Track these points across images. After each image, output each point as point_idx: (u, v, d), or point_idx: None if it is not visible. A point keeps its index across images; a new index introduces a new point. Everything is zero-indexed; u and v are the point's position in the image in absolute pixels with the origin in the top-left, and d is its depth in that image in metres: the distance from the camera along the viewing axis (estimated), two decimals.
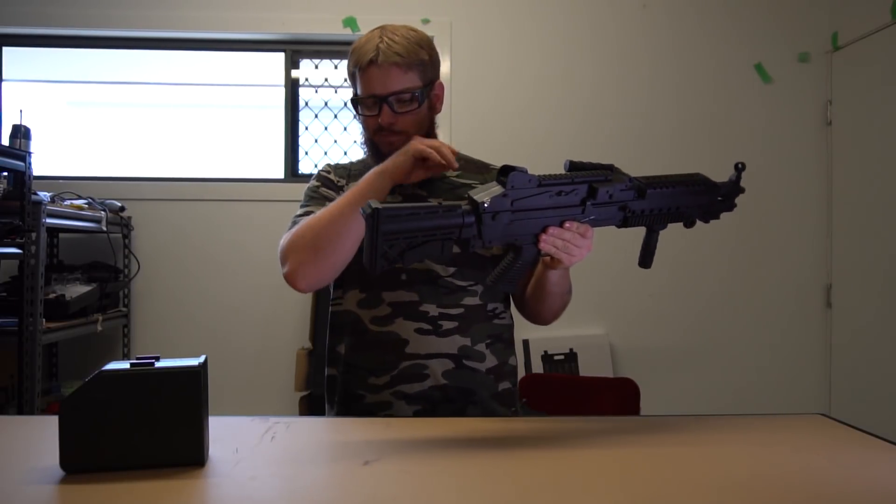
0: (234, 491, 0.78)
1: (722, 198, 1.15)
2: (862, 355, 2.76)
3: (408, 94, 1.26)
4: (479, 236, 1.00)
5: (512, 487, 0.80)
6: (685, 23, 2.96)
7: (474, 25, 2.90)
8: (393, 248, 0.95)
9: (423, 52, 1.27)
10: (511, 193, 1.01)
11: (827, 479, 0.83)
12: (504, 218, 1.01)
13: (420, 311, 1.26)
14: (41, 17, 2.80)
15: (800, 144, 2.97)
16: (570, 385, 2.59)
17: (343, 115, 3.05)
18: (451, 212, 0.99)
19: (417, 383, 1.24)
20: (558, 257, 1.07)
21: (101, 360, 2.64)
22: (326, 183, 1.38)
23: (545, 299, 1.27)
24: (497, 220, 1.01)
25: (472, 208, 1.00)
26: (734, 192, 1.16)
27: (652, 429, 1.07)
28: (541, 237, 1.04)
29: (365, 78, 1.26)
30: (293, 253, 1.20)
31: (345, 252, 1.20)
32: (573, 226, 1.04)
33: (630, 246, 2.48)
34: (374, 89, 1.25)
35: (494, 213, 1.00)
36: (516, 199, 1.01)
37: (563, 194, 1.04)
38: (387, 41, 1.24)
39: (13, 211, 2.00)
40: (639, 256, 1.15)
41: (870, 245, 2.73)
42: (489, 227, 1.00)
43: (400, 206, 0.96)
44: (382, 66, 1.23)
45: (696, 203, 1.12)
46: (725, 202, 1.16)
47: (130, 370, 0.83)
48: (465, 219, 0.99)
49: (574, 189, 1.04)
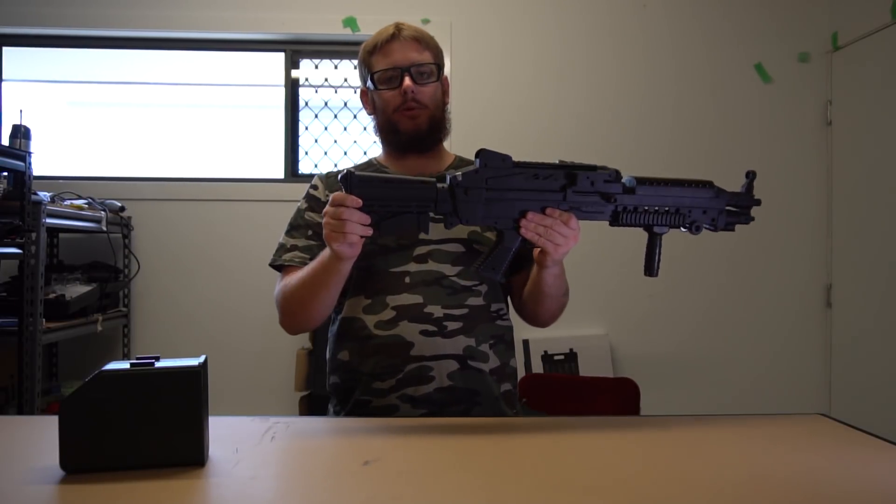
0: (234, 491, 0.78)
1: (736, 208, 1.13)
2: (862, 355, 2.76)
3: (427, 67, 1.32)
4: (456, 213, 1.03)
5: (512, 487, 0.80)
6: (685, 23, 2.96)
7: (474, 25, 2.90)
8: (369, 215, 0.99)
9: (434, 41, 1.37)
10: (484, 171, 1.03)
11: (827, 479, 0.83)
12: (479, 195, 1.03)
13: (424, 313, 1.26)
14: (41, 17, 2.80)
15: (800, 144, 2.97)
16: (570, 385, 2.59)
17: (343, 115, 3.05)
18: (424, 185, 1.01)
19: (423, 386, 1.24)
20: (542, 245, 1.09)
21: (101, 360, 2.64)
22: (311, 204, 1.39)
23: (542, 301, 1.27)
24: (472, 197, 1.03)
25: (446, 183, 1.02)
26: (748, 202, 1.13)
27: (652, 429, 1.07)
28: (521, 221, 1.05)
29: (385, 52, 1.32)
30: (282, 315, 1.31)
31: (323, 309, 1.25)
32: (554, 213, 1.06)
33: (630, 246, 2.48)
34: (397, 61, 1.31)
35: (467, 189, 1.03)
36: (491, 178, 1.03)
37: (541, 178, 1.05)
38: (404, 26, 1.34)
39: (13, 211, 2.00)
40: (644, 264, 1.14)
41: (870, 245, 2.73)
42: (464, 204, 1.03)
43: (374, 175, 1.00)
44: (404, 40, 1.32)
45: (698, 206, 1.10)
46: (741, 214, 1.14)
47: (130, 370, 0.83)
48: (438, 193, 1.01)
49: (552, 174, 1.06)
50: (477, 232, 1.32)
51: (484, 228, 1.32)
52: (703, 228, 1.13)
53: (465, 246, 1.31)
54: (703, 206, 1.11)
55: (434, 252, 1.30)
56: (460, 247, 1.30)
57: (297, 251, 1.33)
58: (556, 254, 1.10)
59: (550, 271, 1.19)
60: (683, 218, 1.11)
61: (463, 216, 1.04)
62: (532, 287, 1.27)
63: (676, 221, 1.11)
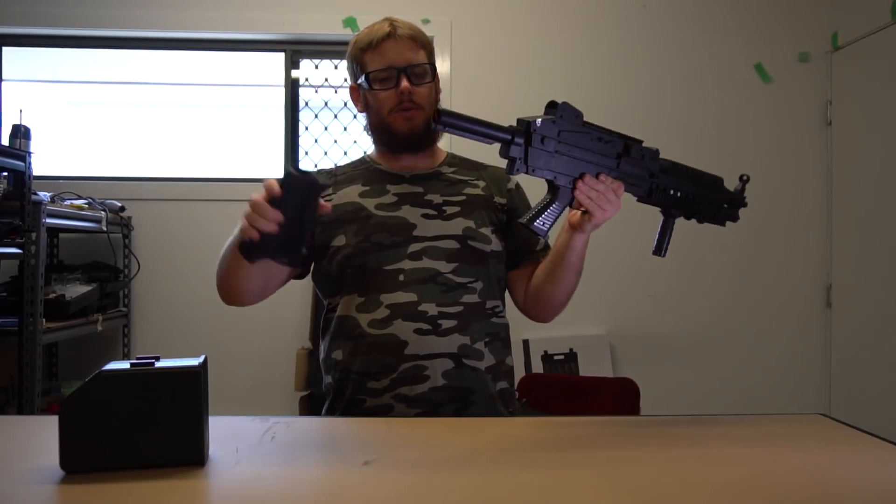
0: (234, 491, 0.78)
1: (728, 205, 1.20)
2: (862, 355, 2.76)
3: (423, 68, 1.31)
4: (525, 160, 1.04)
5: (512, 487, 0.80)
6: (685, 23, 2.96)
7: (474, 25, 2.90)
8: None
9: (427, 39, 1.35)
10: (559, 123, 1.06)
11: (827, 479, 0.83)
12: (550, 146, 1.05)
13: (419, 311, 1.25)
14: (41, 17, 2.80)
15: (800, 144, 2.97)
16: (570, 385, 2.59)
17: (343, 115, 3.05)
18: (502, 128, 1.03)
19: (418, 385, 1.24)
20: (590, 209, 1.11)
21: (101, 360, 2.63)
22: None
23: (565, 275, 1.26)
24: (544, 146, 1.05)
25: (522, 128, 1.04)
26: (738, 203, 1.21)
27: (652, 429, 1.07)
28: (577, 184, 1.08)
29: (380, 51, 1.30)
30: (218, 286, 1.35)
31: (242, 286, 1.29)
32: (607, 179, 1.09)
33: (630, 246, 2.47)
34: (392, 61, 1.29)
35: (543, 137, 1.04)
36: (563, 131, 1.06)
37: (603, 142, 1.09)
38: (398, 23, 1.32)
39: (13, 211, 2.00)
40: (654, 244, 1.19)
41: (870, 245, 2.73)
42: (535, 152, 1.04)
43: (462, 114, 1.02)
44: (399, 39, 1.30)
45: (709, 198, 1.17)
46: (732, 212, 1.21)
47: (130, 370, 0.83)
48: (514, 136, 1.03)
49: (612, 140, 1.10)
50: (472, 228, 1.31)
51: (479, 224, 1.31)
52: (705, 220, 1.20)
53: (460, 242, 1.29)
54: (711, 199, 1.18)
55: (429, 249, 1.28)
56: (455, 243, 1.29)
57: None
58: (600, 219, 1.13)
59: (583, 238, 1.21)
60: (696, 207, 1.18)
61: (532, 164, 1.05)
62: (555, 260, 1.27)
63: (690, 209, 1.18)
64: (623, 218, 1.19)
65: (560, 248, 1.25)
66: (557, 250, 1.26)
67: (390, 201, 1.32)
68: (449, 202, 1.33)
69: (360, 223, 1.30)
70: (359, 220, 1.31)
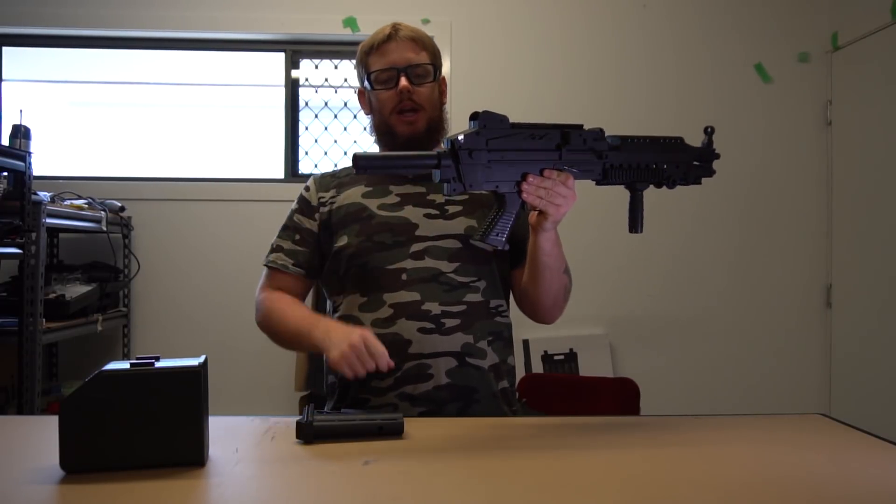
0: (234, 491, 0.78)
1: (698, 162, 1.17)
2: (862, 355, 2.76)
3: (423, 68, 1.33)
4: (460, 178, 1.03)
5: (512, 487, 0.80)
6: (685, 22, 2.96)
7: (474, 25, 2.90)
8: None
9: (431, 42, 1.38)
10: (484, 133, 1.04)
11: (827, 479, 0.83)
12: (481, 158, 1.03)
13: (422, 310, 1.25)
14: (41, 17, 2.80)
15: (800, 144, 2.97)
16: (570, 385, 2.59)
17: (343, 115, 3.05)
18: (426, 154, 1.03)
19: (422, 384, 1.24)
20: (543, 208, 1.10)
21: (101, 360, 2.63)
22: (302, 207, 1.40)
23: (542, 276, 1.24)
24: (474, 160, 1.03)
25: (448, 149, 1.03)
26: (709, 156, 1.18)
27: (652, 429, 1.07)
28: (522, 186, 1.06)
29: (381, 52, 1.33)
30: (261, 327, 1.41)
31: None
32: (552, 174, 1.08)
33: (630, 246, 2.47)
34: (394, 61, 1.32)
35: (470, 151, 1.03)
36: (491, 139, 1.04)
37: (538, 138, 1.07)
38: (401, 26, 1.35)
39: (13, 211, 2.00)
40: (628, 222, 1.17)
41: (870, 245, 2.73)
42: (468, 167, 1.03)
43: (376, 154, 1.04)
44: (400, 40, 1.33)
45: (673, 160, 1.14)
46: (704, 167, 1.18)
47: (130, 370, 0.83)
48: (441, 160, 1.02)
49: (547, 133, 1.08)
50: (474, 227, 1.31)
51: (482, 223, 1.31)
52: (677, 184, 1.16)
53: (462, 242, 1.30)
54: (675, 160, 1.15)
55: (431, 248, 1.29)
56: (457, 243, 1.30)
57: (282, 253, 1.38)
58: (557, 215, 1.12)
59: (548, 236, 1.18)
60: (661, 173, 1.15)
61: (467, 181, 1.03)
62: (530, 262, 1.25)
63: (656, 177, 1.15)
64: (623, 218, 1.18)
65: (531, 251, 1.23)
66: (530, 252, 1.24)
67: (393, 201, 1.33)
68: (451, 201, 1.34)
69: (363, 223, 1.31)
70: (361, 220, 1.32)
